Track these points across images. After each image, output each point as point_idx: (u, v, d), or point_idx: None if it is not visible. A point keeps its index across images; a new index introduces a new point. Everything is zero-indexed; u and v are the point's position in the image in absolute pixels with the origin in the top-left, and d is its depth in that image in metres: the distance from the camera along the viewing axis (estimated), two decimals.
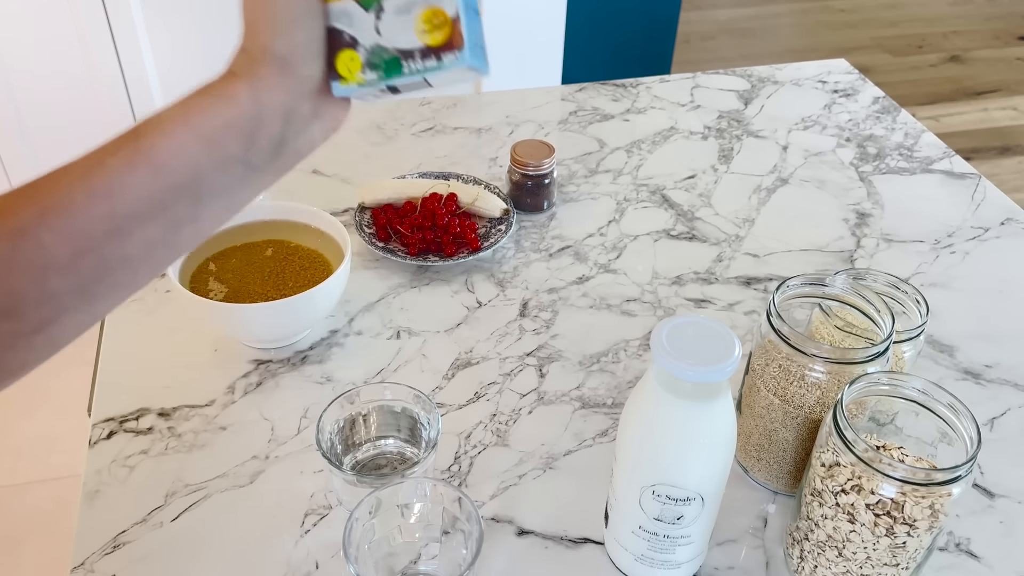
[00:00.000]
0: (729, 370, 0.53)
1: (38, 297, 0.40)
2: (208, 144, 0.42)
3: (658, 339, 0.54)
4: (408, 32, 0.41)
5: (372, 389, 0.70)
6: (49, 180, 0.41)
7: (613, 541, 0.64)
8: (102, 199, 0.41)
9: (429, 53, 0.41)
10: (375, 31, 0.41)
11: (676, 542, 0.60)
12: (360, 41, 0.41)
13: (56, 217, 0.40)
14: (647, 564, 0.62)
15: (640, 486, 0.58)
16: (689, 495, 0.57)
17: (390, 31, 0.41)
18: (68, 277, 0.41)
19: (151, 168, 0.41)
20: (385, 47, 0.41)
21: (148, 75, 1.74)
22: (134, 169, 0.41)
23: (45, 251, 0.40)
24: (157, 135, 0.42)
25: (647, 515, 0.59)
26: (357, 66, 0.43)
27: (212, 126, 0.43)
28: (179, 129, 0.42)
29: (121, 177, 0.41)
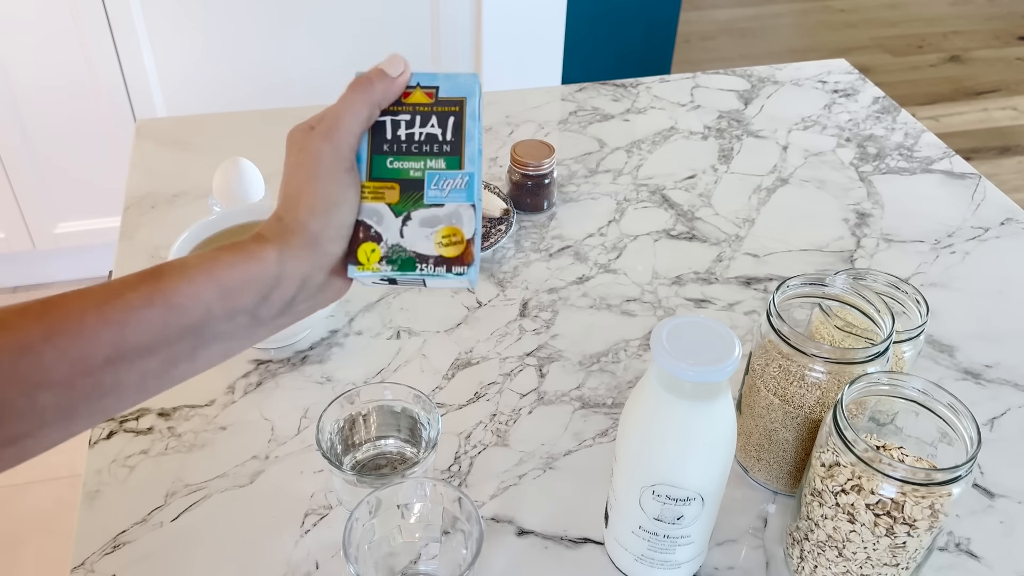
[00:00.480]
0: (729, 370, 0.53)
1: (24, 411, 0.41)
2: (225, 295, 0.46)
3: (658, 339, 0.54)
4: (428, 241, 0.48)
5: (372, 389, 0.70)
6: (62, 301, 0.43)
7: (613, 541, 0.64)
8: (113, 328, 0.43)
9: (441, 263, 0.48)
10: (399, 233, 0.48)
11: (676, 542, 0.60)
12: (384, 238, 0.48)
13: (63, 337, 0.42)
14: (647, 564, 0.62)
15: (640, 486, 0.58)
16: (689, 495, 0.57)
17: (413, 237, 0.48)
18: (59, 395, 0.42)
19: (167, 308, 0.44)
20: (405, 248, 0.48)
21: (148, 76, 1.74)
22: (151, 306, 0.44)
23: (44, 369, 0.41)
24: (180, 279, 0.44)
25: (647, 515, 0.59)
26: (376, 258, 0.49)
27: (233, 279, 0.46)
28: (202, 277, 0.45)
29: (136, 311, 0.43)
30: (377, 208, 0.48)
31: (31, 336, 0.41)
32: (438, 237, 0.48)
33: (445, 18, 1.80)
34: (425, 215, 0.48)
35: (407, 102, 0.49)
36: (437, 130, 0.48)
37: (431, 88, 0.49)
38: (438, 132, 0.48)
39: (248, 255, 0.46)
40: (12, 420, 0.42)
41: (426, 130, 0.48)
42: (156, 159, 1.10)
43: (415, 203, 0.48)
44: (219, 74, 1.78)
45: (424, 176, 0.48)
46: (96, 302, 0.43)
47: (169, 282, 0.44)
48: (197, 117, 1.20)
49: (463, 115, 0.49)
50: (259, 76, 1.80)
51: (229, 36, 1.74)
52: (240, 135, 1.15)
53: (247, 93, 1.80)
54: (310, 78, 1.82)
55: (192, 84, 1.78)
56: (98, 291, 0.43)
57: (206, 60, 1.76)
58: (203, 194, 1.02)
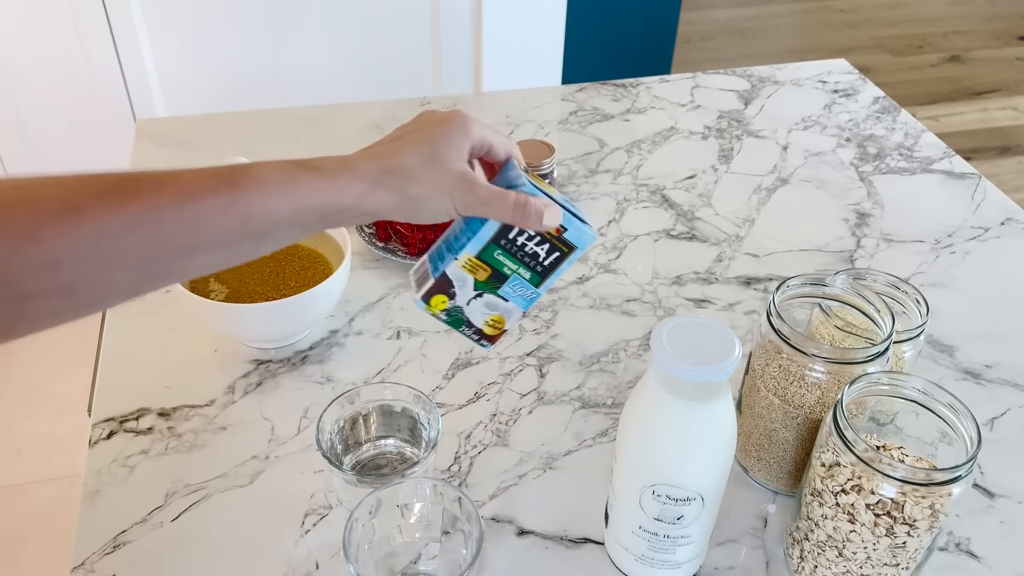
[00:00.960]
0: (729, 370, 0.53)
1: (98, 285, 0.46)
2: (298, 214, 0.49)
3: (658, 339, 0.54)
4: (480, 318, 0.60)
5: (372, 389, 0.70)
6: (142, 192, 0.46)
7: (613, 541, 0.64)
8: (189, 228, 0.46)
9: (480, 335, 0.61)
10: (467, 302, 0.60)
11: (676, 542, 0.60)
12: (455, 299, 0.59)
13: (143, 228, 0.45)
14: (647, 564, 0.62)
15: (640, 486, 0.58)
16: (689, 495, 0.57)
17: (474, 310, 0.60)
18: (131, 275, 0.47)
19: (242, 218, 0.47)
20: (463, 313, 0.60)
21: (148, 75, 1.74)
22: (227, 214, 0.47)
23: (122, 252, 0.45)
24: (258, 193, 0.48)
25: (647, 515, 0.59)
26: (441, 307, 0.60)
27: (310, 203, 0.49)
28: (280, 196, 0.48)
29: (213, 217, 0.47)
30: (466, 277, 0.58)
31: (113, 224, 0.45)
32: (489, 319, 0.61)
33: (445, 18, 1.80)
34: (491, 300, 0.60)
35: None
36: (543, 254, 0.58)
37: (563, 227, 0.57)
38: (542, 256, 0.58)
39: (334, 185, 0.50)
40: (85, 292, 0.46)
41: (536, 248, 0.58)
42: (156, 159, 1.10)
43: (491, 288, 0.59)
44: (219, 74, 1.78)
45: (511, 275, 0.59)
46: (175, 200, 0.46)
47: (247, 195, 0.47)
48: (197, 117, 1.20)
49: (566, 258, 0.58)
50: (259, 76, 1.80)
51: (229, 36, 1.74)
52: (240, 135, 1.15)
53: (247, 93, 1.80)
54: (310, 78, 1.82)
55: (192, 84, 1.78)
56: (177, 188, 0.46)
57: (206, 60, 1.76)
58: None
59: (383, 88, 1.86)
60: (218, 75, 1.78)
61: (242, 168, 0.49)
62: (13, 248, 0.43)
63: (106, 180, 0.47)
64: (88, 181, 0.46)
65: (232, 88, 1.80)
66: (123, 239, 0.45)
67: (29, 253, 0.44)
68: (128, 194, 0.46)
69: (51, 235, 0.44)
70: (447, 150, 0.53)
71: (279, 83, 1.81)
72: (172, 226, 0.46)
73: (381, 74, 1.85)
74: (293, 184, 0.49)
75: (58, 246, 0.44)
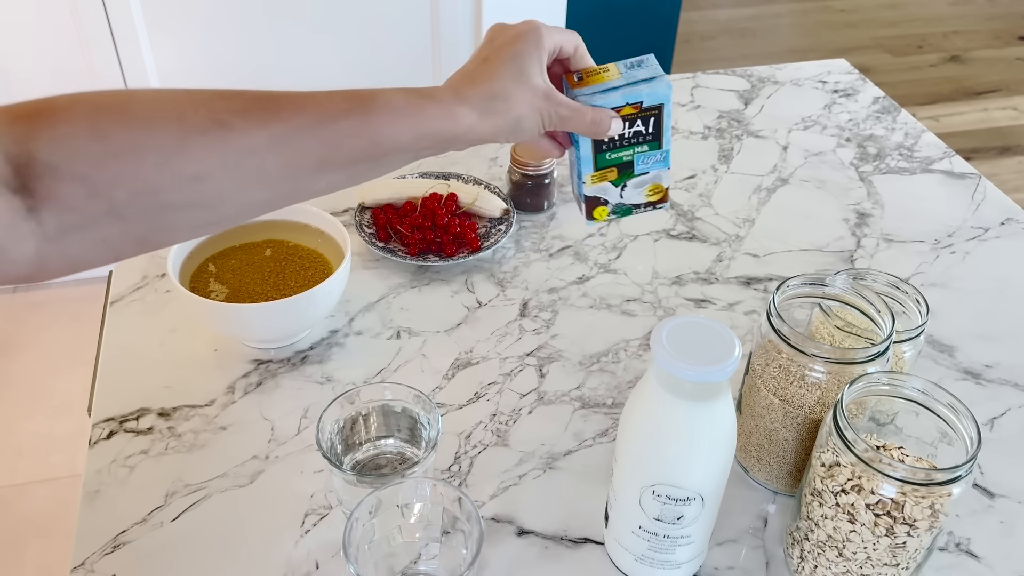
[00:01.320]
0: (729, 370, 0.53)
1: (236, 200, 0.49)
2: (416, 139, 0.52)
3: (658, 339, 0.54)
4: (640, 195, 0.67)
5: (372, 389, 0.70)
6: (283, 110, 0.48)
7: (613, 541, 0.64)
8: (323, 147, 0.49)
9: (649, 205, 0.68)
10: (619, 196, 0.67)
11: (676, 542, 0.60)
12: (610, 202, 0.67)
13: (284, 146, 0.48)
14: (647, 564, 0.62)
15: (640, 486, 0.58)
16: (689, 495, 0.57)
17: (630, 195, 0.68)
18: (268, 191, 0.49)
19: (371, 141, 0.50)
20: (624, 203, 0.68)
21: (149, 76, 1.74)
22: (359, 136, 0.50)
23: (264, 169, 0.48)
24: (387, 118, 0.51)
25: (647, 515, 0.59)
26: (605, 214, 0.68)
27: (428, 130, 0.52)
28: (405, 123, 0.51)
29: (345, 139, 0.50)
30: (604, 186, 0.66)
31: (257, 141, 0.47)
32: (647, 191, 0.67)
33: (445, 18, 1.80)
34: (636, 181, 0.67)
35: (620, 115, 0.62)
36: (641, 128, 0.64)
37: (637, 103, 0.62)
38: (642, 129, 0.64)
39: (449, 115, 0.53)
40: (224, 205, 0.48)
41: (634, 129, 0.63)
42: None
43: (628, 176, 0.66)
44: (219, 74, 1.78)
45: (634, 158, 0.65)
46: (314, 121, 0.49)
47: (377, 119, 0.50)
48: None
49: (662, 116, 0.63)
50: (259, 76, 1.80)
51: (229, 36, 1.74)
52: None
53: None
54: (310, 78, 1.82)
55: (192, 84, 1.78)
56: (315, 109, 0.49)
57: (206, 60, 1.76)
58: None
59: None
60: (218, 75, 1.78)
61: (371, 94, 0.51)
62: (162, 160, 0.45)
63: (247, 97, 0.49)
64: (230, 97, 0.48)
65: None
66: (265, 156, 0.48)
67: (177, 166, 0.45)
68: (271, 112, 0.48)
69: (200, 149, 0.46)
70: (530, 66, 0.56)
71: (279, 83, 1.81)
72: (310, 144, 0.49)
73: (381, 74, 1.85)
74: (417, 111, 0.52)
75: (205, 160, 0.46)
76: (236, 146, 0.47)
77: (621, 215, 0.69)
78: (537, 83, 0.56)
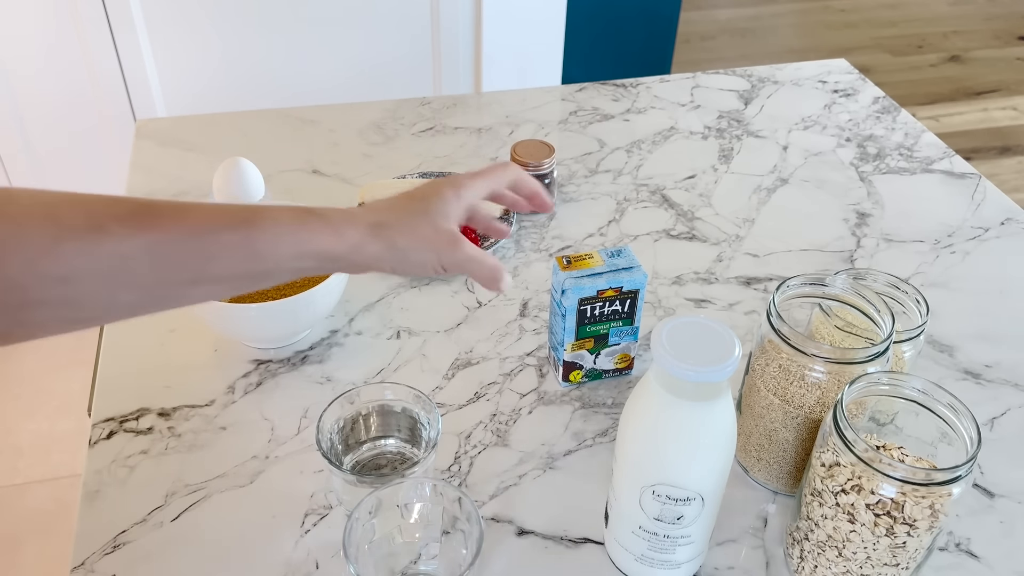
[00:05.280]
0: (729, 370, 0.53)
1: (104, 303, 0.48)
2: (300, 256, 0.52)
3: (658, 339, 0.54)
4: (610, 362, 0.79)
5: (372, 389, 0.70)
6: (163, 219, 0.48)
7: (613, 541, 0.64)
8: (202, 259, 0.49)
9: (617, 371, 0.80)
10: (593, 363, 0.78)
11: (676, 542, 0.60)
12: (584, 367, 0.79)
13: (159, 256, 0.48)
14: (647, 564, 0.62)
15: (640, 486, 0.58)
16: (689, 495, 0.57)
17: (602, 363, 0.79)
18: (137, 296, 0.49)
19: (252, 254, 0.50)
20: (597, 369, 0.79)
21: (148, 76, 1.74)
22: (238, 249, 0.50)
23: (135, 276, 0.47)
24: (271, 234, 0.51)
25: (647, 515, 0.59)
26: (579, 376, 0.79)
27: (313, 248, 0.52)
28: (289, 239, 0.51)
29: (225, 252, 0.49)
30: (581, 354, 0.77)
31: (132, 247, 0.47)
32: (616, 359, 0.79)
33: (445, 18, 1.80)
34: (609, 351, 0.78)
35: (603, 296, 0.74)
36: (619, 307, 0.75)
37: (618, 287, 0.74)
38: (619, 308, 0.76)
39: (336, 234, 0.53)
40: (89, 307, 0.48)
41: (613, 307, 0.75)
42: (156, 159, 1.10)
43: (603, 346, 0.78)
44: (219, 74, 1.78)
45: (609, 331, 0.77)
46: (195, 231, 0.49)
47: (261, 234, 0.50)
48: (197, 117, 1.20)
49: (636, 298, 0.76)
50: (259, 76, 1.80)
51: (229, 36, 1.74)
52: (240, 135, 1.15)
53: (247, 93, 1.80)
54: (310, 78, 1.82)
55: (192, 84, 1.78)
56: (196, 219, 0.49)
57: (206, 60, 1.76)
58: (203, 194, 1.02)
59: (383, 88, 1.86)
60: (218, 75, 1.78)
61: (257, 208, 0.51)
62: (30, 259, 0.45)
63: (128, 204, 0.48)
64: (111, 203, 0.48)
65: (232, 88, 1.80)
66: (138, 263, 0.47)
67: (45, 266, 0.45)
68: (149, 220, 0.48)
69: (71, 251, 0.45)
70: (438, 207, 0.57)
71: (279, 83, 1.81)
72: (186, 255, 0.48)
73: (381, 74, 1.85)
74: (302, 227, 0.52)
75: (75, 262, 0.46)
76: (108, 251, 0.46)
77: (592, 379, 0.80)
78: (439, 224, 0.56)
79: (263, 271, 0.52)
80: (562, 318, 0.75)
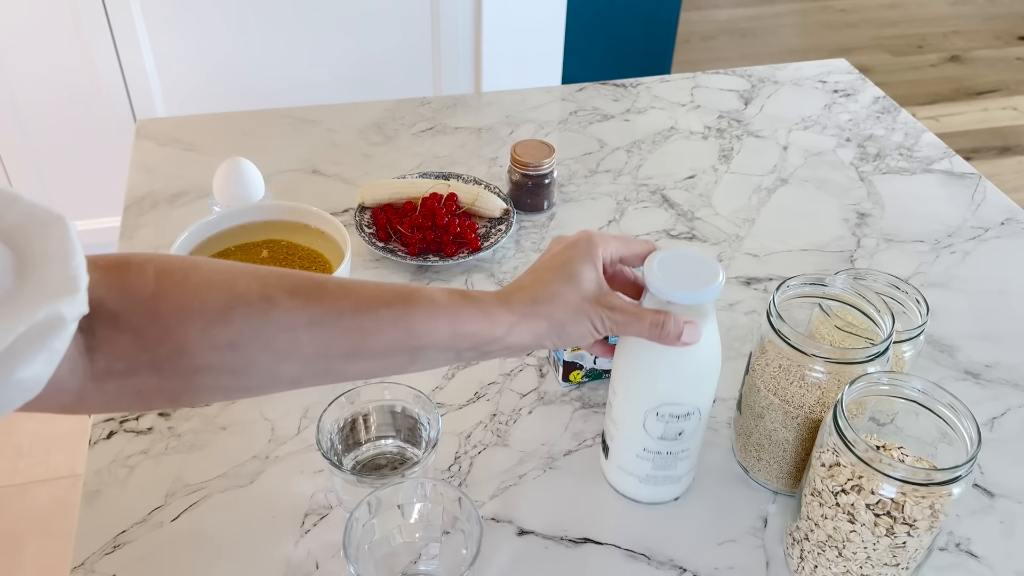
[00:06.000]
0: (715, 292, 0.58)
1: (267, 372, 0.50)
2: (454, 338, 0.53)
3: (651, 268, 0.58)
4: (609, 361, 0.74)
5: (372, 389, 0.70)
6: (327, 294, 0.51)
7: (616, 469, 0.69)
8: (361, 334, 0.51)
9: None
10: (593, 363, 0.78)
11: (677, 457, 0.66)
12: (584, 367, 0.78)
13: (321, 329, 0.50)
14: (651, 483, 0.67)
15: (644, 410, 0.63)
16: (689, 410, 0.63)
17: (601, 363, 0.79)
18: (297, 368, 0.51)
19: (408, 332, 0.52)
20: (597, 369, 0.79)
21: (148, 76, 1.74)
22: (396, 327, 0.52)
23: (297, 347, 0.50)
24: (426, 314, 0.53)
25: (651, 436, 0.64)
26: (579, 376, 0.79)
27: (466, 330, 0.54)
28: (444, 319, 0.53)
29: (384, 327, 0.52)
30: (581, 353, 0.77)
31: (296, 320, 0.50)
32: None
33: (445, 18, 1.80)
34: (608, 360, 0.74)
35: None
36: None
37: None
38: None
39: (488, 317, 0.54)
40: (254, 375, 0.50)
41: None
42: (156, 159, 1.10)
43: None
44: (219, 74, 1.78)
45: None
46: (354, 307, 0.51)
47: (416, 313, 0.52)
48: (197, 117, 1.20)
49: None
50: (259, 76, 1.80)
51: (229, 36, 1.74)
52: (240, 135, 1.15)
53: (247, 93, 1.80)
54: (311, 78, 1.82)
55: (192, 84, 1.78)
56: (359, 296, 0.52)
57: (206, 60, 1.76)
58: (203, 194, 1.02)
59: (383, 88, 1.86)
60: (218, 75, 1.78)
61: (415, 288, 0.54)
62: (205, 326, 0.48)
63: (297, 278, 0.52)
64: (282, 276, 0.51)
65: (232, 88, 1.80)
66: (301, 334, 0.50)
67: (217, 332, 0.48)
68: (316, 294, 0.51)
69: (241, 318, 0.49)
70: (581, 270, 0.57)
71: (279, 83, 1.81)
72: (346, 329, 0.51)
73: (381, 74, 1.85)
74: (456, 309, 0.53)
75: (244, 330, 0.49)
76: (275, 321, 0.49)
77: (592, 379, 0.79)
78: (586, 287, 0.56)
79: (419, 348, 0.53)
80: None
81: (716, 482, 0.72)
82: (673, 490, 0.69)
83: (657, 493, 0.69)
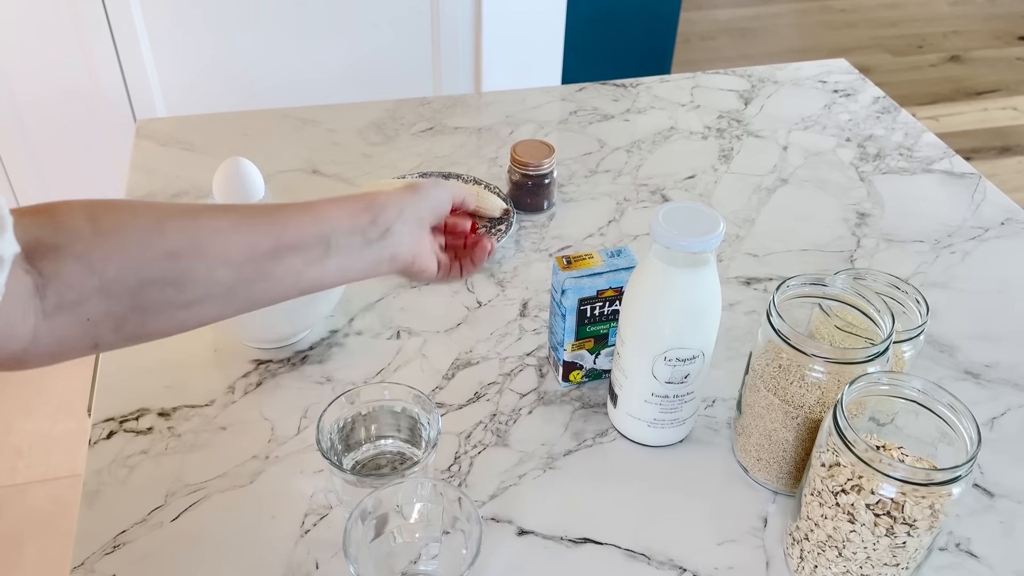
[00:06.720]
0: (716, 241, 0.63)
1: (204, 280, 0.54)
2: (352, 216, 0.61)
3: (656, 220, 0.63)
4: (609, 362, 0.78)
5: (372, 389, 0.70)
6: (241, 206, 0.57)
7: (624, 416, 0.73)
8: (278, 228, 0.57)
9: None
10: (593, 362, 0.79)
11: (683, 399, 0.70)
12: (584, 367, 0.79)
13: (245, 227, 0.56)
14: (658, 427, 0.72)
15: (652, 355, 0.67)
16: (695, 353, 0.67)
17: (601, 363, 0.79)
18: (229, 273, 0.55)
19: (315, 219, 0.59)
20: (597, 369, 0.79)
21: (148, 76, 1.74)
22: (303, 214, 0.59)
23: (227, 248, 0.55)
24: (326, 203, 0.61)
25: (659, 381, 0.69)
26: (579, 376, 0.79)
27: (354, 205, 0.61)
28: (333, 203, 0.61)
29: (293, 218, 0.58)
30: (581, 354, 0.78)
31: (222, 224, 0.55)
32: None
33: (445, 18, 1.80)
34: (608, 351, 0.78)
35: (603, 296, 0.74)
36: (619, 307, 0.75)
37: (618, 287, 0.74)
38: (619, 308, 0.75)
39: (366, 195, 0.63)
40: (194, 286, 0.54)
41: (613, 307, 0.75)
42: (156, 159, 1.10)
43: (603, 346, 0.78)
44: (219, 74, 1.78)
45: (609, 331, 0.77)
46: (267, 209, 0.58)
47: (318, 203, 0.60)
48: (197, 117, 1.20)
49: None
50: (259, 76, 1.80)
51: (229, 36, 1.74)
52: (240, 135, 1.15)
53: (247, 93, 1.80)
54: (311, 78, 1.82)
55: (192, 84, 1.78)
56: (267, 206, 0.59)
57: (206, 60, 1.76)
58: (203, 194, 1.02)
59: (383, 88, 1.85)
60: (218, 75, 1.78)
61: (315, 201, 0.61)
62: (145, 236, 0.52)
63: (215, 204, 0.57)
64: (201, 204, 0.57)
65: (232, 88, 1.80)
66: (231, 236, 0.55)
67: (156, 241, 0.52)
68: (232, 206, 0.57)
69: (174, 228, 0.53)
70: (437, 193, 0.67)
71: (279, 83, 1.81)
72: (265, 225, 0.56)
73: (381, 74, 1.85)
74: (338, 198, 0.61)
75: (179, 237, 0.53)
76: (204, 225, 0.55)
77: (592, 379, 0.80)
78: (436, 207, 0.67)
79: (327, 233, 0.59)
80: (562, 318, 0.75)
81: (716, 482, 0.72)
82: (679, 432, 0.73)
83: (664, 435, 0.73)
